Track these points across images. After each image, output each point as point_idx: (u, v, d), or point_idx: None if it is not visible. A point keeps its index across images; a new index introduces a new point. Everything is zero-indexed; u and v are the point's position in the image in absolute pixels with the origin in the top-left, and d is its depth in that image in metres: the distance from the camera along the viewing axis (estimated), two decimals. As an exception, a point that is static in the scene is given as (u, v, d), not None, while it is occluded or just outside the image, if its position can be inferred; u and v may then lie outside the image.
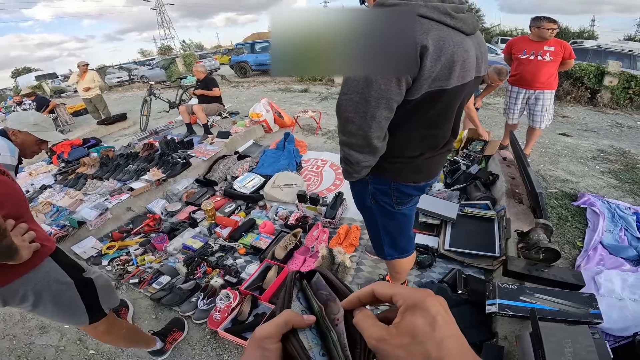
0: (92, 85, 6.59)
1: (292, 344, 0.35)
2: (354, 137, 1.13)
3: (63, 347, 2.00)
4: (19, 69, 34.36)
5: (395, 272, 1.80)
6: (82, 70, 6.53)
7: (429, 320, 0.31)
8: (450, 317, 0.32)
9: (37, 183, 4.09)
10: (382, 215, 1.46)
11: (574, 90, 6.62)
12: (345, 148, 1.18)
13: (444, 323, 0.31)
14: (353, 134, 1.12)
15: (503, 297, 1.50)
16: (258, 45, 13.91)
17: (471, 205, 2.64)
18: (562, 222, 2.59)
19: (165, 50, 43.93)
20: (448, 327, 0.31)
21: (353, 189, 1.48)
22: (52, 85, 16.34)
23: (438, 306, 0.32)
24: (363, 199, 1.45)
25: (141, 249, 2.67)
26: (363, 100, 1.04)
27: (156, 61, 17.10)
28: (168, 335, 1.91)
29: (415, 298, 0.33)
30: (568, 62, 3.15)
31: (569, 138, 4.59)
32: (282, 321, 0.35)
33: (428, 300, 0.32)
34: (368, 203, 1.44)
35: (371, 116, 1.05)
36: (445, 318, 0.31)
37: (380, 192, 1.37)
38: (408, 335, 0.31)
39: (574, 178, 3.31)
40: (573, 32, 19.34)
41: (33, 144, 1.82)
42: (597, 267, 1.99)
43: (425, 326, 0.31)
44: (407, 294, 0.33)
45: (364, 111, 1.05)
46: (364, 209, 1.52)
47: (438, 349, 0.29)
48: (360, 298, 0.37)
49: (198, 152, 4.18)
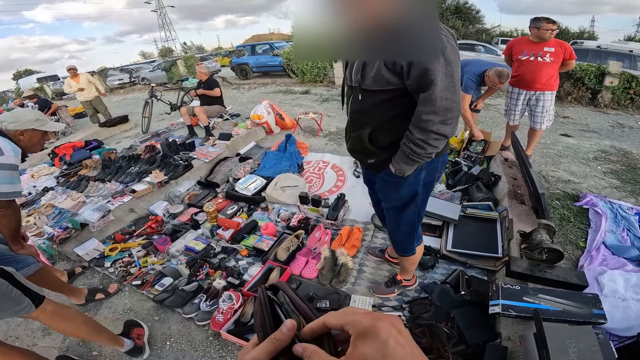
0: (86, 86, 6.54)
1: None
2: (452, 113, 1.21)
3: (66, 349, 2.00)
4: (20, 71, 34.40)
5: (410, 263, 1.94)
6: (72, 75, 6.47)
7: (379, 346, 0.29)
8: (405, 338, 0.31)
9: (39, 185, 4.10)
10: (423, 198, 1.56)
11: (575, 90, 6.61)
12: (439, 128, 1.23)
13: (398, 347, 0.29)
14: (453, 111, 1.21)
15: (506, 297, 1.50)
16: (259, 47, 13.94)
17: (473, 206, 2.64)
18: (564, 223, 2.58)
19: (166, 52, 44.03)
20: (402, 350, 0.29)
21: (398, 189, 1.51)
22: (53, 87, 16.37)
23: (389, 329, 0.30)
24: (413, 189, 1.50)
25: (143, 250, 2.68)
26: (452, 77, 1.16)
27: (157, 63, 17.13)
28: (130, 333, 1.95)
29: (365, 324, 0.31)
30: (569, 63, 3.15)
31: (571, 139, 4.59)
32: (274, 348, 0.33)
33: (379, 325, 0.30)
34: (418, 189, 1.50)
35: (458, 84, 1.19)
36: (399, 341, 0.30)
37: (430, 171, 1.47)
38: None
39: (575, 179, 3.31)
40: (573, 33, 19.31)
41: (40, 139, 1.89)
42: (600, 268, 1.98)
43: (376, 354, 0.29)
44: (356, 321, 0.32)
45: (453, 86, 1.17)
46: (409, 202, 1.55)
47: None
48: (313, 330, 0.35)
49: (200, 154, 4.19)
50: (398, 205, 1.58)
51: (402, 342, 0.30)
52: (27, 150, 1.85)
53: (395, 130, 1.36)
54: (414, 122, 1.27)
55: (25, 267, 1.89)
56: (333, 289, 2.15)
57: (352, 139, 1.50)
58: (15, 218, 1.74)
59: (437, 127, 1.22)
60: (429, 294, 2.00)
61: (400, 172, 1.39)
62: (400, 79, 1.23)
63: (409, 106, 1.28)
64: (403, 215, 1.60)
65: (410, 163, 1.35)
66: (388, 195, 1.59)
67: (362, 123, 1.42)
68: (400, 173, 1.40)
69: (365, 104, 1.36)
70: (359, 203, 3.07)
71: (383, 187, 1.60)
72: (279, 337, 0.34)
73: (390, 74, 1.23)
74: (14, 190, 1.66)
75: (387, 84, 1.25)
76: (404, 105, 1.30)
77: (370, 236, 2.66)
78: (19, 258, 1.87)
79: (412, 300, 2.01)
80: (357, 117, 1.44)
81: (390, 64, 1.20)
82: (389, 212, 1.66)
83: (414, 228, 1.68)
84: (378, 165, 1.49)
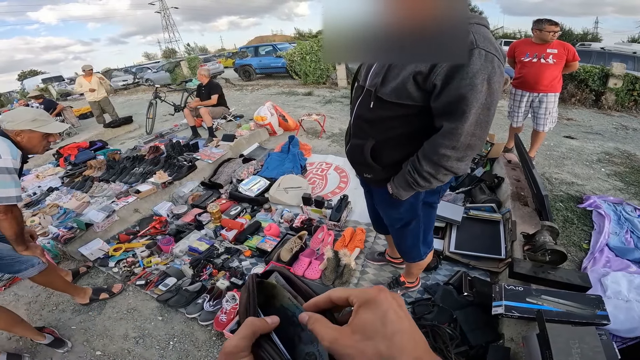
0: (97, 87, 6.65)
1: (267, 351, 0.34)
2: (472, 151, 1.11)
3: (68, 349, 2.01)
4: (25, 72, 34.63)
5: (418, 269, 1.90)
6: (88, 74, 6.60)
7: (379, 315, 0.30)
8: (405, 312, 0.32)
9: (44, 185, 4.13)
10: (426, 215, 1.50)
11: (579, 92, 6.59)
12: (453, 165, 1.12)
13: (397, 318, 0.30)
14: (475, 149, 1.11)
15: (509, 298, 1.51)
16: (262, 49, 14.00)
17: (476, 208, 2.64)
18: (567, 225, 2.58)
19: (170, 54, 44.24)
20: (401, 322, 0.30)
21: (397, 208, 1.43)
22: (58, 88, 16.49)
23: (390, 301, 0.32)
24: (413, 209, 1.43)
25: (147, 251, 2.69)
26: (488, 111, 1.05)
27: (161, 64, 17.23)
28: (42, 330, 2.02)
29: (368, 295, 0.32)
30: (572, 65, 3.15)
31: (574, 141, 4.58)
32: (250, 332, 0.34)
33: (380, 296, 0.32)
34: (418, 210, 1.44)
35: (492, 119, 1.07)
36: (398, 313, 0.31)
37: (433, 192, 1.40)
38: (359, 333, 0.30)
39: (579, 181, 3.31)
40: (577, 35, 19.28)
41: (41, 139, 1.83)
42: (604, 269, 1.98)
43: (375, 322, 0.30)
44: (360, 293, 0.33)
45: (487, 121, 1.07)
46: (410, 221, 1.48)
47: (388, 345, 0.29)
48: (318, 305, 0.36)
49: (203, 155, 4.21)
50: (396, 226, 1.53)
51: (401, 315, 0.31)
52: (27, 151, 1.81)
53: (400, 149, 1.25)
54: (425, 153, 1.14)
55: (29, 268, 1.90)
56: (336, 289, 2.15)
57: (352, 147, 1.38)
58: (16, 222, 1.73)
59: (451, 164, 1.11)
60: (431, 295, 2.01)
61: (397, 195, 1.30)
62: (425, 97, 1.09)
63: (421, 127, 1.17)
64: (405, 231, 1.54)
65: (409, 190, 1.26)
66: (387, 213, 1.53)
67: (366, 133, 1.29)
68: (396, 197, 1.30)
69: (376, 114, 1.21)
70: (362, 204, 3.06)
71: (381, 203, 1.54)
72: (256, 324, 0.34)
73: (416, 89, 1.08)
74: (6, 195, 1.61)
75: (407, 98, 1.11)
76: (417, 125, 1.18)
77: (374, 237, 2.67)
78: (23, 259, 1.88)
79: (415, 301, 2.01)
80: (362, 125, 1.30)
81: (421, 79, 1.06)
82: (390, 228, 1.60)
83: (419, 240, 1.60)
84: (376, 182, 1.40)
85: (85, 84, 6.61)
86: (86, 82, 6.61)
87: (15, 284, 2.61)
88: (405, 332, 0.30)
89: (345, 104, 7.20)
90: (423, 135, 1.17)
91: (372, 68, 1.22)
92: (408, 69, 1.07)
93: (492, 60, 0.99)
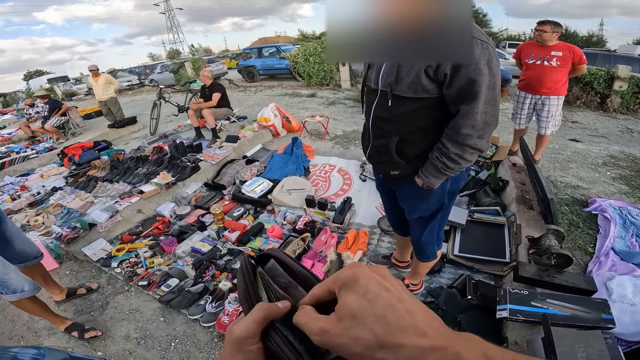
0: (105, 86, 6.82)
1: (275, 341, 0.31)
2: (490, 127, 1.20)
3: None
4: (31, 72, 34.97)
5: (425, 269, 1.94)
6: (94, 74, 6.74)
7: (362, 292, 0.27)
8: (392, 282, 0.28)
9: (48, 185, 4.15)
10: (447, 206, 1.54)
11: (584, 95, 6.56)
12: (476, 142, 1.21)
13: (381, 290, 0.27)
14: (492, 125, 1.20)
15: (514, 302, 1.49)
16: (265, 50, 14.04)
17: (481, 211, 2.63)
18: (573, 229, 2.56)
19: (174, 54, 44.48)
20: (389, 295, 0.26)
21: (426, 200, 1.47)
22: (63, 88, 16.61)
23: (369, 274, 0.28)
24: (441, 198, 1.48)
25: (150, 251, 2.70)
26: (494, 90, 1.14)
27: (165, 65, 17.33)
28: None
29: (343, 276, 0.29)
30: (579, 68, 3.11)
31: (579, 144, 4.55)
32: (262, 316, 0.31)
33: (357, 272, 0.28)
34: (444, 199, 1.48)
35: (499, 97, 1.18)
36: (382, 284, 0.27)
37: (455, 180, 1.44)
38: (347, 319, 0.26)
39: (584, 184, 3.28)
40: (581, 37, 19.19)
41: None
42: (609, 273, 1.97)
43: (360, 301, 0.26)
44: (335, 277, 0.29)
45: (495, 99, 1.16)
46: (437, 210, 1.53)
47: (383, 325, 0.25)
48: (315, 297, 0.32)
49: (207, 156, 4.22)
50: (425, 216, 1.55)
51: (386, 286, 0.27)
52: None
53: (423, 141, 1.32)
54: (449, 136, 1.23)
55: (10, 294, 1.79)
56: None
57: (375, 148, 1.42)
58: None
59: (474, 142, 1.19)
60: (435, 298, 2.00)
61: (428, 185, 1.35)
62: (438, 87, 1.18)
63: (439, 117, 1.25)
64: (429, 224, 1.58)
65: (440, 177, 1.32)
66: (415, 206, 1.55)
67: (388, 131, 1.34)
68: (428, 187, 1.36)
69: (395, 111, 1.27)
70: (366, 207, 3.07)
71: (408, 199, 1.56)
72: (269, 307, 0.31)
73: (429, 81, 1.17)
74: None
75: (423, 91, 1.19)
76: (435, 115, 1.26)
77: (377, 240, 2.66)
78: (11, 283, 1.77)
79: (418, 304, 2.00)
80: (382, 125, 1.35)
81: (432, 72, 1.15)
82: (415, 221, 1.63)
83: (438, 234, 1.67)
84: (402, 178, 1.43)
85: (93, 84, 6.81)
86: (94, 82, 6.80)
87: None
88: (397, 305, 0.26)
89: (349, 106, 7.20)
90: (442, 125, 1.25)
91: (381, 70, 1.28)
92: (418, 64, 1.16)
93: (487, 48, 1.10)
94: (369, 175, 3.53)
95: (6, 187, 4.33)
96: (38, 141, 6.58)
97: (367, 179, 3.52)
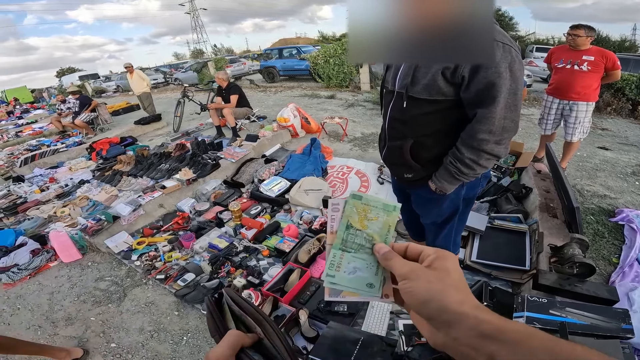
0: (138, 82, 7.37)
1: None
2: (509, 133, 1.17)
3: (87, 339, 2.08)
4: (63, 69, 36.47)
5: None
6: (129, 71, 7.32)
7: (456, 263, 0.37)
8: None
9: (76, 178, 4.33)
10: (463, 212, 1.51)
11: (615, 101, 6.27)
12: (493, 148, 1.17)
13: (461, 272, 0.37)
14: (510, 131, 1.16)
15: (532, 310, 1.45)
16: (286, 51, 14.15)
17: (501, 218, 2.56)
18: (598, 238, 2.46)
19: (198, 54, 45.44)
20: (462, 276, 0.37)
21: (439, 205, 1.45)
22: (94, 85, 17.27)
23: (456, 259, 0.38)
24: (455, 204, 1.45)
25: (169, 246, 2.76)
26: (515, 95, 1.11)
27: (189, 64, 17.72)
28: None
29: (442, 252, 0.38)
30: (613, 74, 2.97)
31: (609, 152, 4.35)
32: (235, 341, 0.36)
33: (451, 255, 0.38)
34: (459, 206, 1.45)
35: (520, 102, 1.14)
36: (461, 271, 0.38)
37: (471, 186, 1.40)
38: (443, 271, 0.35)
39: (612, 194, 3.14)
40: (614, 41, 18.41)
41: None
42: (632, 284, 1.91)
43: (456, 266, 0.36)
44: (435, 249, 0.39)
45: (516, 104, 1.13)
46: (450, 216, 1.50)
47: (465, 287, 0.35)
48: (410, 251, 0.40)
49: (227, 154, 4.29)
50: (438, 221, 1.53)
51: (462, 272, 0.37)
52: None
53: (438, 145, 1.29)
54: (464, 140, 1.19)
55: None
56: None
57: (390, 149, 1.41)
58: None
59: (491, 147, 1.16)
60: (451, 306, 1.95)
61: (441, 190, 1.32)
62: (456, 90, 1.15)
63: (455, 121, 1.22)
64: (443, 229, 1.55)
65: (453, 182, 1.29)
66: (428, 211, 1.53)
67: (402, 133, 1.33)
68: (441, 191, 1.33)
69: (410, 113, 1.26)
70: (382, 209, 3.04)
71: (421, 203, 1.54)
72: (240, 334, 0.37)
73: (446, 83, 1.14)
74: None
75: (439, 94, 1.17)
76: (451, 119, 1.23)
77: (392, 243, 2.63)
78: None
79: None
80: (397, 126, 1.34)
81: (449, 74, 1.12)
82: (428, 226, 1.61)
83: (455, 240, 1.63)
84: (416, 181, 1.41)
85: (129, 79, 7.49)
86: (129, 78, 7.45)
87: (41, 273, 2.73)
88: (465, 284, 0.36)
89: (368, 108, 7.16)
90: (458, 129, 1.22)
91: (399, 72, 1.26)
92: (436, 66, 1.13)
93: (510, 51, 1.06)
94: (386, 178, 3.50)
95: (35, 178, 4.54)
96: (68, 135, 6.88)
97: (384, 182, 3.49)
